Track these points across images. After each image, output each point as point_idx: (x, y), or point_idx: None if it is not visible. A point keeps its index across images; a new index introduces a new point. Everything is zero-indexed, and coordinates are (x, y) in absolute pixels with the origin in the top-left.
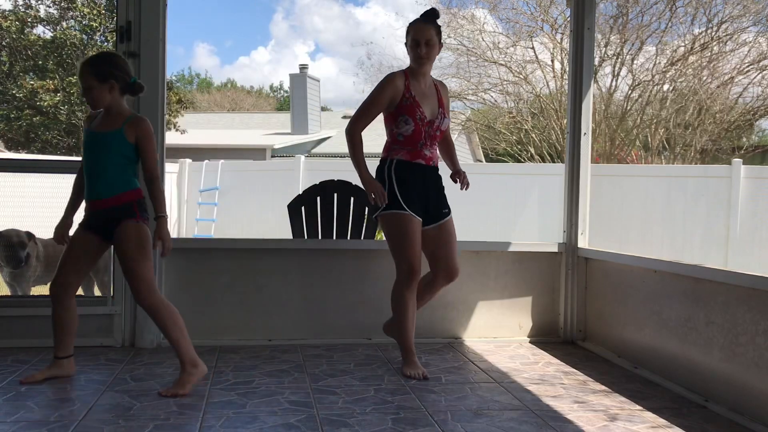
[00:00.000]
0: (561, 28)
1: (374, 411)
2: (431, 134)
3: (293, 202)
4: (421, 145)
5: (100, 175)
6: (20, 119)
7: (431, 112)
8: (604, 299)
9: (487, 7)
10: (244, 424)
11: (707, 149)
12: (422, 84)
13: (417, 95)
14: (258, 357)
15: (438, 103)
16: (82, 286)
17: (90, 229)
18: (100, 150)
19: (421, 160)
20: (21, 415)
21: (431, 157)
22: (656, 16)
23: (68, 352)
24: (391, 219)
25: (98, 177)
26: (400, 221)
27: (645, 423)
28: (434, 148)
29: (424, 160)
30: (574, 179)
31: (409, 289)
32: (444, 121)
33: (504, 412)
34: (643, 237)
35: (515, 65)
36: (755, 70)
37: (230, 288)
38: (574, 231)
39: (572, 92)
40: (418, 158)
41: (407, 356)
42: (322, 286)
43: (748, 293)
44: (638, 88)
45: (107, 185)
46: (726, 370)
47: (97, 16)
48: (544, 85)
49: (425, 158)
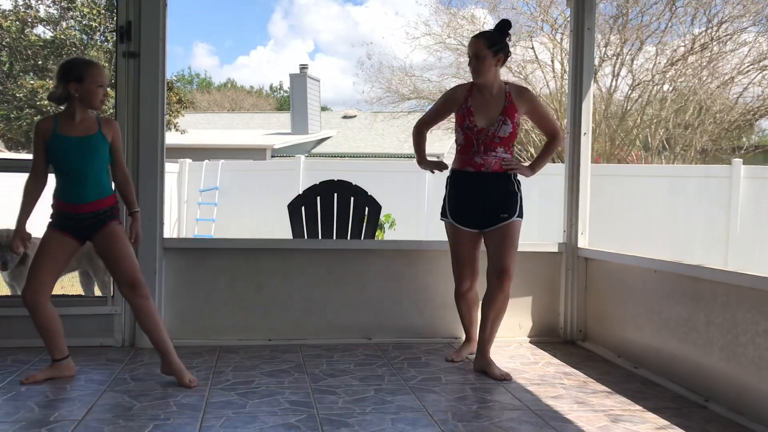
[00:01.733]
0: (561, 28)
1: (374, 411)
2: (485, 142)
3: (293, 202)
4: (473, 153)
5: (87, 178)
6: (20, 119)
7: (488, 120)
8: (604, 299)
9: (487, 7)
10: (244, 424)
11: (707, 149)
12: (486, 94)
13: (474, 105)
14: (258, 357)
15: (502, 110)
16: (82, 286)
17: (64, 230)
18: (89, 155)
19: (471, 167)
20: (21, 415)
21: (483, 164)
22: (656, 16)
23: (64, 353)
24: (445, 225)
25: (84, 181)
26: (447, 228)
27: (645, 423)
28: (491, 155)
29: (474, 167)
30: (574, 179)
31: (459, 290)
32: (503, 127)
33: (504, 412)
34: (643, 237)
35: (515, 65)
36: (755, 70)
37: (230, 288)
38: (574, 231)
39: (572, 92)
40: (467, 166)
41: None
42: (322, 286)
43: (748, 293)
44: (638, 88)
45: (95, 189)
46: (726, 370)
47: (97, 16)
48: (544, 85)
49: (475, 165)
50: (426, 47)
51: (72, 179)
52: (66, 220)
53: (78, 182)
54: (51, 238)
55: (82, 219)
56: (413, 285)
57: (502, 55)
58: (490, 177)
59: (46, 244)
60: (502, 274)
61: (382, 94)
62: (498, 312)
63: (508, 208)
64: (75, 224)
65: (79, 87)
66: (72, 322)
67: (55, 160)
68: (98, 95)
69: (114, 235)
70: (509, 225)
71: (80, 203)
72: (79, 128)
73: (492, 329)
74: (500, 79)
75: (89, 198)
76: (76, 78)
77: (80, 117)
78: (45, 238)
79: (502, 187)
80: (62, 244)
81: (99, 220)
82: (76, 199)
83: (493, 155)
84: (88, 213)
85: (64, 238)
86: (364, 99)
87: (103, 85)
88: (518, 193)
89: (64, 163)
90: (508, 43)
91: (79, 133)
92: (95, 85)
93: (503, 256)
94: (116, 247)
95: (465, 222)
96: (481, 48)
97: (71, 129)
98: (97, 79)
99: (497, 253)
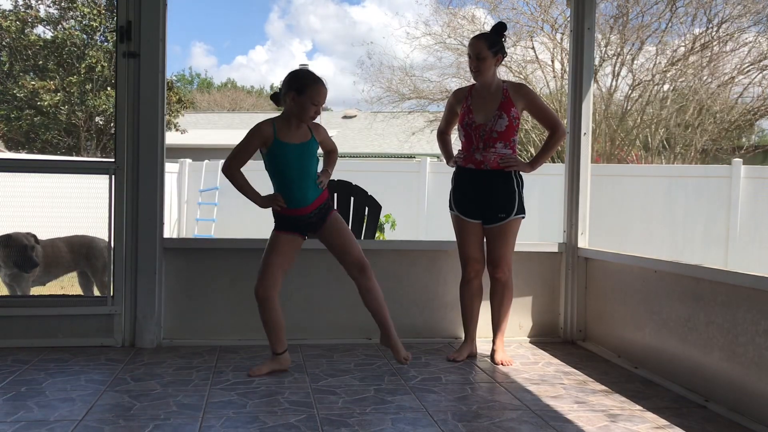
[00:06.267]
0: (561, 28)
1: (374, 411)
2: (485, 138)
3: None
4: (473, 149)
5: (307, 181)
6: (20, 119)
7: (486, 116)
8: (604, 299)
9: (487, 7)
10: (244, 424)
11: (707, 149)
12: (484, 92)
13: (474, 104)
14: (258, 357)
15: (498, 105)
16: (81, 287)
17: (291, 230)
18: (307, 160)
19: (472, 164)
20: (21, 415)
21: (482, 161)
22: (656, 16)
23: (284, 346)
24: (451, 216)
25: (305, 184)
26: (453, 220)
27: (645, 423)
28: (490, 151)
29: (474, 164)
30: (574, 179)
31: (464, 278)
32: (499, 122)
33: (504, 412)
34: (643, 237)
35: (515, 65)
36: (755, 70)
37: (230, 288)
38: (574, 231)
39: (572, 92)
40: (468, 163)
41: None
42: (322, 286)
43: (748, 293)
44: (638, 88)
45: (314, 189)
46: (726, 370)
47: (97, 16)
48: (544, 85)
49: (475, 162)
50: (426, 47)
51: (295, 185)
52: (291, 222)
53: (299, 187)
54: (279, 237)
55: (308, 218)
56: (413, 285)
57: (500, 56)
58: (489, 175)
59: (276, 243)
60: (496, 270)
61: (382, 94)
62: (501, 301)
63: (507, 207)
64: (301, 224)
65: (297, 98)
66: (72, 322)
67: (277, 166)
68: (309, 111)
69: (337, 225)
70: (508, 223)
71: (305, 206)
72: (297, 135)
73: (498, 319)
74: (498, 77)
75: (311, 199)
76: (297, 89)
77: (295, 124)
78: (273, 238)
79: (501, 186)
80: (290, 241)
81: (322, 214)
82: (301, 203)
83: (492, 151)
84: (312, 212)
85: (291, 236)
86: (364, 99)
87: (319, 104)
88: (517, 191)
89: (286, 169)
90: (504, 44)
91: (298, 140)
92: (311, 101)
93: (498, 249)
94: (341, 235)
95: (469, 214)
96: (483, 49)
97: (291, 136)
98: (315, 98)
99: (493, 248)
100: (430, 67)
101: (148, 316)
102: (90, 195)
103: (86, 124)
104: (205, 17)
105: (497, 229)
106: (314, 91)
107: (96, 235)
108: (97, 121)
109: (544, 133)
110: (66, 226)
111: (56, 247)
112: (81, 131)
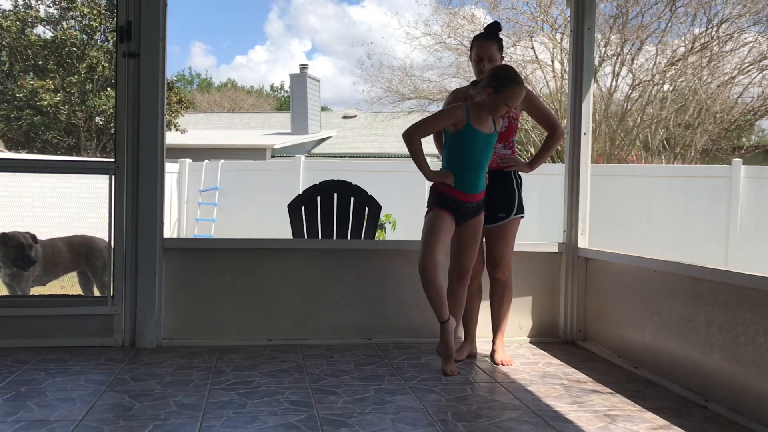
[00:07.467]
0: (561, 28)
1: (374, 411)
2: None
3: (293, 202)
4: None
5: (483, 171)
6: (20, 119)
7: None
8: (604, 299)
9: (486, 7)
10: (244, 424)
11: (707, 149)
12: None
13: None
14: (258, 357)
15: None
16: (81, 286)
17: (453, 213)
18: (488, 151)
19: None
20: (21, 415)
21: None
22: (656, 16)
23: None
24: None
25: (481, 173)
26: None
27: (645, 423)
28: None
29: None
30: (574, 179)
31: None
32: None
33: (504, 412)
34: (643, 237)
35: (515, 65)
36: (755, 70)
37: (230, 288)
38: (574, 231)
39: (572, 92)
40: None
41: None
42: (322, 286)
43: (748, 293)
44: (638, 88)
45: (484, 181)
46: (726, 370)
47: (97, 16)
48: (544, 85)
49: None
50: (426, 47)
51: (473, 171)
52: (453, 204)
53: (476, 175)
54: (442, 214)
55: (469, 206)
56: (413, 285)
57: (502, 56)
58: (489, 175)
59: (440, 221)
60: (497, 266)
61: (382, 94)
62: (501, 301)
63: (507, 207)
64: (461, 209)
65: (493, 95)
66: (72, 322)
67: (462, 149)
68: (501, 110)
69: (477, 227)
70: (507, 223)
71: (475, 194)
72: (487, 125)
73: (498, 319)
74: None
75: (481, 189)
76: (495, 87)
77: (485, 114)
78: (436, 215)
79: (500, 186)
80: (451, 220)
81: (478, 209)
82: (474, 189)
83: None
84: (476, 202)
85: (451, 217)
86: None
87: (511, 106)
88: (516, 191)
89: (471, 155)
90: None
91: (487, 130)
92: (504, 102)
93: (498, 249)
94: (472, 239)
95: None
96: (495, 51)
97: (482, 125)
98: (510, 99)
99: (493, 247)
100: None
101: (148, 316)
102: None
103: (86, 124)
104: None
105: (497, 229)
106: (511, 93)
107: (96, 235)
108: (97, 121)
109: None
110: (66, 226)
111: (56, 247)
112: (81, 131)
